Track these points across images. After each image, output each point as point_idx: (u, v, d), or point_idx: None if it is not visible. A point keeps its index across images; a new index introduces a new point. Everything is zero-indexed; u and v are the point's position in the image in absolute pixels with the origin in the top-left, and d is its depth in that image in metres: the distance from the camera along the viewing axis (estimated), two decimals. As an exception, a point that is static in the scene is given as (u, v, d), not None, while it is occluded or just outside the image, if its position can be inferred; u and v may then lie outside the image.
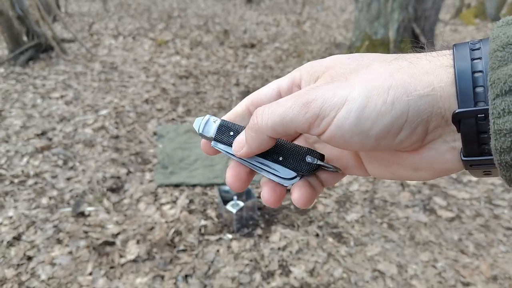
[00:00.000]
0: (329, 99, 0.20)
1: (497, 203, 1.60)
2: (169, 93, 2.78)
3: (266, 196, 0.26)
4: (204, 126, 0.27)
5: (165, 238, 1.41)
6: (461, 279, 1.24)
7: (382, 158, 0.23)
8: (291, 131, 0.22)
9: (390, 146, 0.20)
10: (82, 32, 4.45)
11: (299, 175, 0.26)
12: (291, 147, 0.26)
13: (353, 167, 0.26)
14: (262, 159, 0.26)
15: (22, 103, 2.57)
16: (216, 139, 0.27)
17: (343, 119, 0.20)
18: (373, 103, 0.19)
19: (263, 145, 0.24)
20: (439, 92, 0.19)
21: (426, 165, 0.22)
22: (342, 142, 0.21)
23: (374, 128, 0.20)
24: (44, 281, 1.25)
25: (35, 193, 1.68)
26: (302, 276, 1.26)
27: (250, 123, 0.24)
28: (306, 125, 0.21)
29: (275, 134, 0.23)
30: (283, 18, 5.61)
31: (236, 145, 0.26)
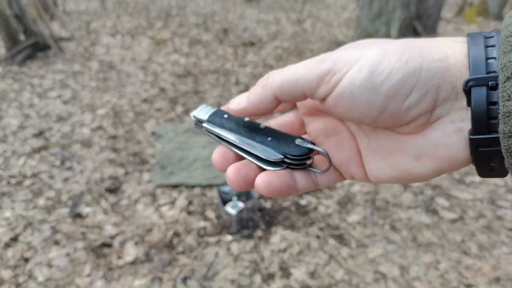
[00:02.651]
0: (343, 57, 0.20)
1: (500, 204, 1.59)
2: (167, 92, 2.76)
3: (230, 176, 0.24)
4: (200, 110, 0.27)
5: (163, 239, 1.40)
6: (463, 281, 1.23)
7: (384, 146, 0.22)
8: (298, 90, 0.21)
9: (397, 112, 0.19)
10: (80, 31, 4.42)
11: (285, 163, 0.24)
12: (282, 132, 0.25)
13: (352, 163, 0.24)
14: (249, 140, 0.25)
15: (19, 103, 2.54)
16: (208, 120, 0.26)
17: (355, 73, 0.19)
18: (387, 60, 0.19)
19: (263, 104, 0.23)
20: (452, 60, 0.19)
21: (430, 150, 0.20)
22: (349, 102, 0.20)
23: (385, 84, 0.19)
24: (41, 282, 1.23)
25: (32, 194, 1.66)
26: (302, 278, 1.24)
27: (259, 81, 0.23)
28: (315, 81, 0.20)
29: (281, 93, 0.22)
30: (283, 16, 5.58)
31: (235, 100, 0.24)
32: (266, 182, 0.23)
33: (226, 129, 0.26)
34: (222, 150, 0.26)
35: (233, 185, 0.24)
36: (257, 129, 0.25)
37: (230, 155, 0.26)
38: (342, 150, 0.25)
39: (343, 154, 0.25)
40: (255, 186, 0.23)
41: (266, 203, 1.62)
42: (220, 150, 0.26)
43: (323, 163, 0.25)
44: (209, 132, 0.27)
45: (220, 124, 0.26)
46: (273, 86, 0.22)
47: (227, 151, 0.26)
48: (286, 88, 0.21)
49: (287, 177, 0.23)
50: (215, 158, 0.26)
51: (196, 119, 0.27)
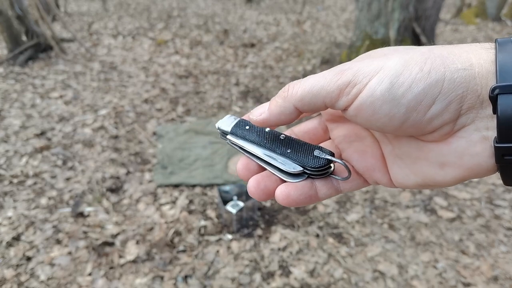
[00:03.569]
0: (363, 68, 0.20)
1: (498, 204, 1.60)
2: (168, 93, 2.78)
3: (251, 188, 0.25)
4: (224, 121, 0.28)
5: (164, 238, 1.41)
6: (461, 280, 1.24)
7: (408, 153, 0.22)
8: (319, 101, 0.21)
9: (419, 123, 0.19)
10: (82, 32, 4.44)
11: (307, 174, 0.25)
12: (301, 142, 0.26)
13: (376, 170, 0.25)
14: (270, 152, 0.26)
15: (21, 103, 2.56)
16: (232, 132, 0.27)
17: (376, 84, 0.19)
18: (408, 70, 0.19)
19: (285, 116, 0.23)
20: (477, 68, 0.19)
21: (454, 159, 0.20)
22: (369, 113, 0.20)
23: (406, 96, 0.19)
24: (43, 281, 1.24)
25: (34, 193, 1.67)
26: (302, 277, 1.25)
27: (279, 93, 0.23)
28: (336, 93, 0.20)
29: (302, 104, 0.22)
30: (283, 18, 5.60)
31: (257, 110, 0.25)
32: (285, 194, 0.23)
33: (248, 141, 0.27)
34: (245, 161, 0.27)
35: (254, 196, 0.25)
36: (278, 140, 0.26)
37: (253, 165, 0.26)
38: (365, 156, 0.25)
39: (367, 160, 0.25)
40: (276, 198, 0.24)
41: (266, 202, 1.63)
42: (243, 161, 0.27)
43: (345, 170, 0.26)
44: (233, 144, 0.27)
45: (242, 135, 0.27)
46: (293, 98, 0.22)
47: (250, 161, 0.26)
48: (307, 100, 0.21)
49: (306, 189, 0.24)
50: (239, 169, 0.26)
51: (221, 131, 0.28)
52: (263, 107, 0.24)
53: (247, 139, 0.27)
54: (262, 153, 0.26)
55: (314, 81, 0.21)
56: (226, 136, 0.28)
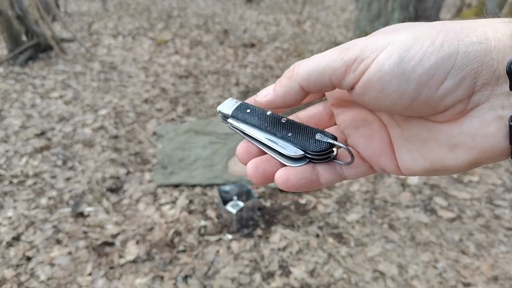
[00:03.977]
0: (371, 43, 0.19)
1: (498, 204, 1.60)
2: (168, 93, 2.78)
3: (249, 171, 0.24)
4: (225, 105, 0.28)
5: (164, 238, 1.41)
6: (461, 280, 1.24)
7: (417, 135, 0.21)
8: (325, 79, 0.20)
9: (431, 100, 0.18)
10: (82, 32, 4.44)
11: (308, 158, 0.24)
12: (303, 126, 0.25)
13: (383, 155, 0.23)
14: (271, 135, 0.25)
15: (21, 103, 2.56)
16: (232, 116, 0.27)
17: (384, 59, 0.18)
18: (419, 44, 0.18)
19: (290, 96, 0.22)
20: (494, 42, 0.18)
21: (466, 140, 0.19)
22: (378, 90, 0.19)
23: (417, 70, 0.18)
24: (43, 281, 1.24)
25: (34, 193, 1.67)
26: (302, 277, 1.25)
27: (284, 73, 0.23)
28: (342, 69, 0.19)
29: (307, 83, 0.21)
30: (283, 18, 5.60)
31: (262, 92, 0.24)
32: (284, 178, 0.23)
33: (248, 124, 0.26)
34: (245, 145, 0.26)
35: (252, 180, 0.24)
36: (279, 123, 0.25)
37: (253, 149, 0.26)
38: (372, 141, 0.24)
39: (373, 145, 0.24)
40: (275, 182, 0.23)
41: (266, 202, 1.63)
42: (243, 144, 0.26)
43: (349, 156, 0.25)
44: (234, 128, 0.27)
45: (243, 119, 0.26)
46: (299, 77, 0.21)
47: (250, 145, 0.26)
48: (313, 78, 0.21)
49: (307, 174, 0.23)
50: (239, 152, 0.26)
51: (222, 114, 0.28)
52: (268, 89, 0.24)
53: (248, 122, 0.26)
54: (263, 136, 0.25)
55: (319, 58, 0.20)
56: (227, 120, 0.27)
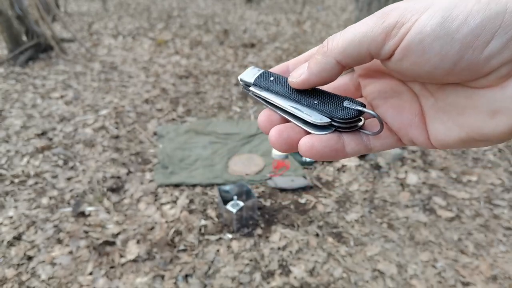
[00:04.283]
0: (411, 6, 0.18)
1: (496, 203, 1.61)
2: (169, 93, 2.78)
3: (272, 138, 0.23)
4: (247, 73, 0.27)
5: (165, 238, 1.42)
6: (461, 279, 1.25)
7: (454, 103, 0.20)
8: (363, 50, 0.19)
9: (475, 63, 0.17)
10: (82, 32, 4.44)
11: (334, 126, 0.23)
12: (330, 93, 0.24)
13: (414, 127, 0.22)
14: (295, 103, 0.24)
15: (22, 103, 2.56)
16: (255, 84, 0.26)
17: (426, 20, 0.17)
18: (464, 2, 0.17)
19: (326, 72, 0.21)
20: None
21: (508, 105, 0.18)
22: (418, 54, 0.18)
23: (461, 30, 0.17)
24: (44, 281, 1.25)
25: (35, 193, 1.68)
26: (302, 276, 1.26)
27: (318, 49, 0.21)
28: (381, 37, 0.18)
29: (344, 57, 0.20)
30: (283, 18, 5.60)
31: (296, 71, 0.23)
32: (309, 145, 0.22)
33: (272, 92, 0.25)
34: (267, 113, 0.25)
35: (275, 146, 0.23)
36: (304, 91, 0.24)
37: (276, 117, 0.25)
38: (402, 112, 0.23)
39: (403, 116, 0.23)
40: (299, 149, 0.22)
41: (266, 202, 1.64)
42: (266, 112, 0.25)
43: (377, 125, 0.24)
44: (256, 96, 0.26)
45: (266, 87, 0.25)
46: (334, 51, 0.20)
47: (273, 113, 0.25)
48: (349, 51, 0.20)
49: (332, 142, 0.22)
50: (260, 120, 0.25)
51: (243, 83, 0.27)
52: (302, 67, 0.23)
53: (271, 90, 0.25)
54: (287, 104, 0.24)
55: (355, 28, 0.19)
56: (249, 88, 0.26)
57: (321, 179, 1.80)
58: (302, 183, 1.72)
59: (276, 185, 1.73)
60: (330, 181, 1.79)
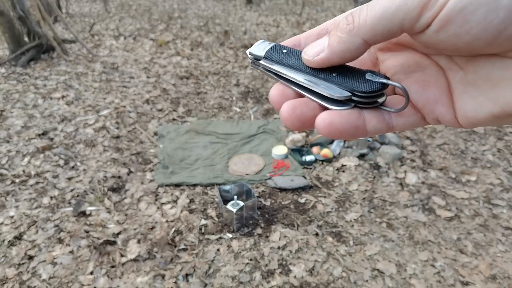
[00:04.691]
0: None
1: (496, 203, 1.61)
2: (169, 93, 2.79)
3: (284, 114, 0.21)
4: (256, 46, 0.24)
5: (165, 237, 1.42)
6: (460, 279, 1.25)
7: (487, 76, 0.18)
8: (395, 26, 0.17)
9: None
10: (83, 33, 4.46)
11: (354, 102, 0.20)
12: (349, 66, 0.22)
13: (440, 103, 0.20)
14: (312, 77, 0.21)
15: (23, 103, 2.58)
16: (265, 57, 0.23)
17: None
18: None
19: (350, 53, 0.19)
20: None
21: None
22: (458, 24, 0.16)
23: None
24: (45, 280, 1.25)
25: (36, 193, 1.69)
26: (302, 275, 1.26)
27: (341, 24, 0.19)
28: (417, 10, 0.17)
29: (373, 35, 0.18)
30: (283, 19, 5.62)
31: (310, 49, 0.21)
32: (328, 122, 0.20)
33: (285, 66, 0.23)
34: (280, 87, 0.23)
35: (287, 123, 0.21)
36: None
37: (289, 92, 0.22)
38: (427, 88, 0.21)
39: (429, 91, 0.21)
40: (315, 126, 0.20)
41: (266, 202, 1.65)
42: (278, 86, 0.23)
43: (399, 103, 0.21)
44: (266, 70, 0.24)
45: (279, 60, 0.23)
46: (362, 30, 0.18)
47: (286, 88, 0.23)
48: (379, 28, 0.18)
49: (353, 117, 0.20)
50: (272, 94, 0.22)
51: (253, 56, 0.24)
52: (320, 44, 0.20)
53: (284, 63, 0.23)
54: (302, 78, 0.22)
55: (387, 2, 0.17)
56: (259, 61, 0.24)
57: (321, 179, 1.81)
58: (301, 183, 1.73)
59: (276, 184, 1.73)
60: (329, 181, 1.79)
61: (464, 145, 2.07)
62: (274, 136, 2.17)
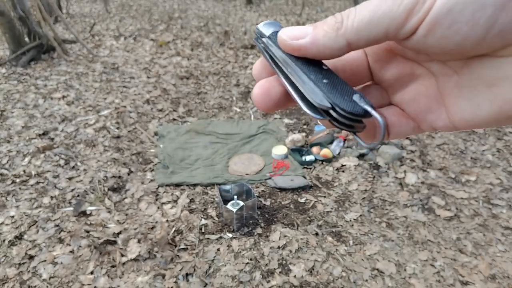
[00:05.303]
0: None
1: (495, 203, 1.61)
2: (170, 93, 2.80)
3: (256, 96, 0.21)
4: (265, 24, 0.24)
5: (166, 237, 1.43)
6: (459, 278, 1.25)
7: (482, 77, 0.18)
8: (380, 32, 0.17)
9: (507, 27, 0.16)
10: (84, 33, 4.47)
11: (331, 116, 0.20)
12: (342, 80, 0.21)
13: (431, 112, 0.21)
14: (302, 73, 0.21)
15: (24, 104, 2.58)
16: (269, 37, 0.23)
17: None
18: None
19: (330, 50, 0.19)
20: None
21: None
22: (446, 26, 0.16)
23: None
24: (45, 280, 1.26)
25: (36, 193, 1.69)
26: (301, 275, 1.27)
27: (329, 21, 0.19)
28: (403, 16, 0.17)
29: (357, 39, 0.18)
30: (283, 19, 5.62)
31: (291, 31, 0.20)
32: None
33: (283, 52, 0.22)
34: (266, 85, 0.22)
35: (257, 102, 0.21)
36: (317, 66, 0.21)
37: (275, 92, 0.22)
38: (418, 98, 0.21)
39: (419, 102, 0.21)
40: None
41: (266, 202, 1.65)
42: (263, 84, 0.22)
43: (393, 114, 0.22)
44: (264, 50, 0.23)
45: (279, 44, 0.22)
46: (348, 32, 0.18)
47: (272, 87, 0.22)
48: (365, 33, 0.18)
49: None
50: (256, 93, 0.22)
51: (258, 32, 0.24)
52: (302, 30, 0.20)
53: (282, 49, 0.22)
54: (293, 71, 0.21)
55: (373, 7, 0.17)
56: (262, 39, 0.23)
57: (321, 179, 1.81)
58: (301, 183, 1.73)
59: (276, 184, 1.74)
60: (329, 181, 1.80)
61: (464, 145, 2.07)
62: (274, 136, 2.18)
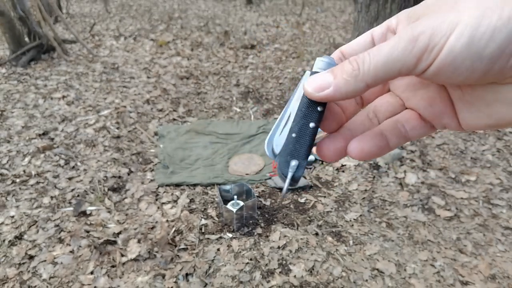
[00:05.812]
0: (437, 27, 0.19)
1: (495, 203, 1.61)
2: (170, 93, 2.80)
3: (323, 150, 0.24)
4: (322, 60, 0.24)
5: (166, 237, 1.43)
6: (459, 278, 1.25)
7: (481, 98, 0.21)
8: (394, 73, 0.20)
9: (502, 70, 0.19)
10: (84, 33, 4.47)
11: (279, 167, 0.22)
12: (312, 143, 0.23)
13: (446, 115, 0.24)
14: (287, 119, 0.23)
15: (24, 104, 2.58)
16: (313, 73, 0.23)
17: (455, 41, 0.18)
18: (486, 20, 0.18)
19: (353, 93, 0.22)
20: None
21: None
22: (450, 72, 0.19)
23: (488, 47, 0.18)
24: (45, 280, 1.26)
25: (36, 193, 1.69)
26: (301, 275, 1.27)
27: (346, 68, 0.21)
28: (413, 62, 0.19)
29: (375, 80, 0.21)
30: (283, 19, 5.62)
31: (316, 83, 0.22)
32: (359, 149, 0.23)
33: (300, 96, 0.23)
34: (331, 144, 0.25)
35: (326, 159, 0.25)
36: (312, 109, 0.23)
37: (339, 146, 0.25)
38: (433, 104, 0.24)
39: (435, 107, 0.24)
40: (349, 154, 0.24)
41: (266, 202, 1.65)
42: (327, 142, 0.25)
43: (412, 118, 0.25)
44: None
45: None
46: (366, 76, 0.21)
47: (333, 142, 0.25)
48: (381, 75, 0.20)
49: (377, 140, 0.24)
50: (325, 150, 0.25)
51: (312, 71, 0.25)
52: (324, 80, 0.22)
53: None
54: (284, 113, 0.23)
55: (386, 53, 0.20)
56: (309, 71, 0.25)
57: (321, 179, 1.81)
58: (301, 183, 1.73)
59: (276, 184, 1.74)
60: (329, 181, 1.80)
61: (464, 145, 2.07)
62: (274, 136, 2.17)
